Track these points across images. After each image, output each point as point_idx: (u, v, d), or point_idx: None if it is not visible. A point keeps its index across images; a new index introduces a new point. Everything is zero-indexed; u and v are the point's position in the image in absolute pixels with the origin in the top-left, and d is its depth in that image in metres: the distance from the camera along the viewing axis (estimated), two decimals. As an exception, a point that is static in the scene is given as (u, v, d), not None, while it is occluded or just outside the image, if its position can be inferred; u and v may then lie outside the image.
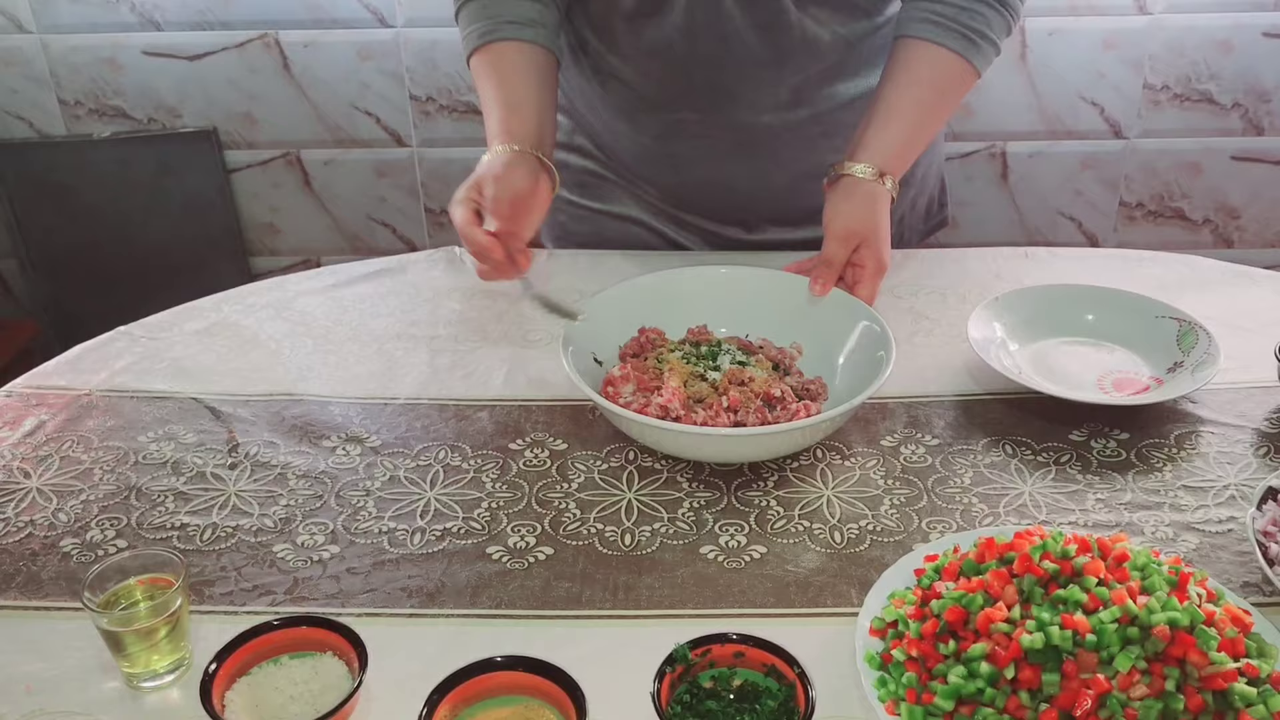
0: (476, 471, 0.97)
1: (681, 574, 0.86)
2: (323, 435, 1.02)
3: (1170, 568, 0.74)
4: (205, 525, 0.91)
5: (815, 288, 1.08)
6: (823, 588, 0.84)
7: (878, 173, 1.10)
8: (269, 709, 0.71)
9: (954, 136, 2.39)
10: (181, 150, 2.40)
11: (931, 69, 1.13)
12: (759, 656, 0.73)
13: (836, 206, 1.11)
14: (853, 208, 1.10)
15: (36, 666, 0.78)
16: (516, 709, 0.71)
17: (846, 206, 1.10)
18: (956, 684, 0.69)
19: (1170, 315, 1.12)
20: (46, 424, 1.04)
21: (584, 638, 0.80)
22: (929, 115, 1.15)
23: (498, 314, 1.22)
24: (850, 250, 1.09)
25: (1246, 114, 2.36)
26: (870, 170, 1.11)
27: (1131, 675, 0.66)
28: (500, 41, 1.13)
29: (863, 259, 1.09)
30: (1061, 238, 2.50)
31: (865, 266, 1.09)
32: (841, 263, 1.09)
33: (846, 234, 1.09)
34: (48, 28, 2.29)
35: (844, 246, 1.09)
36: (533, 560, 0.87)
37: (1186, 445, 1.00)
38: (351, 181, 2.47)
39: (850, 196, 1.10)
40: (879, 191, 1.10)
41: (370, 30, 2.29)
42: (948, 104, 1.17)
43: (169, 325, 1.21)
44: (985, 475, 0.96)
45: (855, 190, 1.10)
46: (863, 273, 1.09)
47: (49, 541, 0.90)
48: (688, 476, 0.96)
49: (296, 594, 0.84)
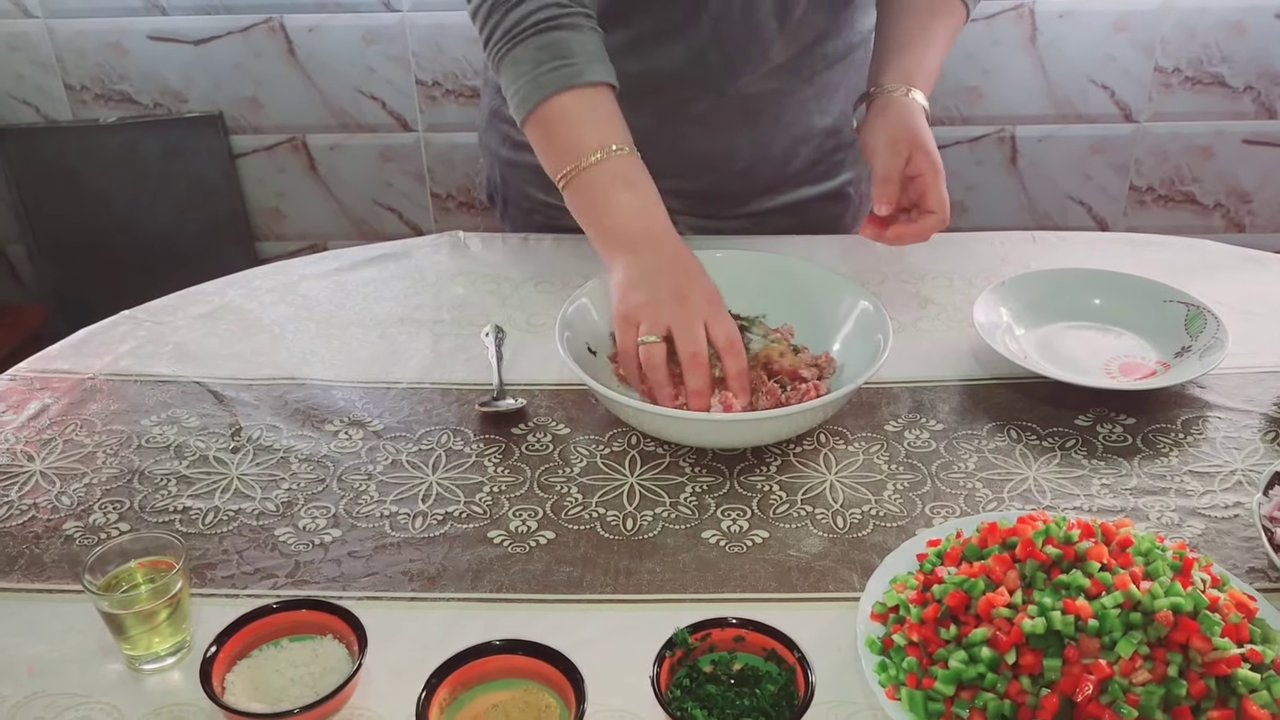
0: (479, 456, 0.97)
1: (683, 558, 0.85)
2: (325, 419, 1.02)
3: (1175, 553, 0.73)
4: (207, 509, 0.91)
5: (880, 208, 1.08)
6: (824, 573, 0.84)
7: (906, 88, 1.11)
8: (269, 691, 0.71)
9: (963, 120, 2.37)
10: (187, 135, 2.40)
11: (937, 4, 1.17)
12: (759, 641, 0.72)
13: (873, 123, 1.11)
14: (890, 119, 1.10)
15: (38, 649, 0.78)
16: (515, 693, 0.71)
17: (884, 120, 1.10)
18: (957, 669, 0.68)
19: (1178, 300, 1.11)
20: (50, 407, 1.04)
21: (584, 622, 0.80)
22: (937, 45, 1.17)
23: (501, 299, 1.22)
24: (903, 160, 1.08)
25: (1259, 97, 2.33)
26: (900, 86, 1.11)
27: (1134, 661, 0.66)
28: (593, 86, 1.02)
29: (918, 167, 1.08)
30: (1071, 222, 2.48)
31: (924, 174, 1.07)
32: (898, 174, 1.08)
33: (892, 144, 1.08)
34: (53, 12, 2.29)
35: (896, 156, 1.08)
36: (534, 544, 0.87)
37: (1193, 430, 0.99)
38: (357, 166, 2.46)
39: (886, 111, 1.11)
40: (911, 103, 1.11)
41: (376, 14, 2.28)
42: (949, 37, 1.19)
43: (173, 309, 1.20)
44: (990, 460, 0.96)
45: (889, 105, 1.11)
46: (924, 181, 1.07)
47: (52, 524, 0.90)
48: (690, 461, 0.96)
49: (298, 577, 0.84)
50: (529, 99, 1.02)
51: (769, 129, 1.25)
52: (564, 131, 1.02)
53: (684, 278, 0.96)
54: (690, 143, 1.24)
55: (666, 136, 1.02)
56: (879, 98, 1.13)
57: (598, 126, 1.01)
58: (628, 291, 0.96)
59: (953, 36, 1.19)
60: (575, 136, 1.01)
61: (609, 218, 1.00)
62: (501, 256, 1.30)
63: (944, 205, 1.07)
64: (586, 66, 1.02)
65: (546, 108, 1.02)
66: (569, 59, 1.01)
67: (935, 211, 1.07)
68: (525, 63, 1.02)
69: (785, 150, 1.28)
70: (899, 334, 1.08)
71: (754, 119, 1.23)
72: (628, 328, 0.96)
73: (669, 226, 1.00)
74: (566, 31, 1.02)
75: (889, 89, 1.12)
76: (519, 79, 1.03)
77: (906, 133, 1.08)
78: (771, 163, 1.28)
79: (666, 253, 0.98)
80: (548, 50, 1.02)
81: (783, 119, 1.24)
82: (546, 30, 1.02)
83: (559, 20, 1.02)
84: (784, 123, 1.25)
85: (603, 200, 1.00)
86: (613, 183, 1.00)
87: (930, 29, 1.16)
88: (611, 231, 1.00)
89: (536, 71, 1.01)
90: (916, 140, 1.08)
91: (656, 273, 0.96)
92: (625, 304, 0.96)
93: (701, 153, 1.25)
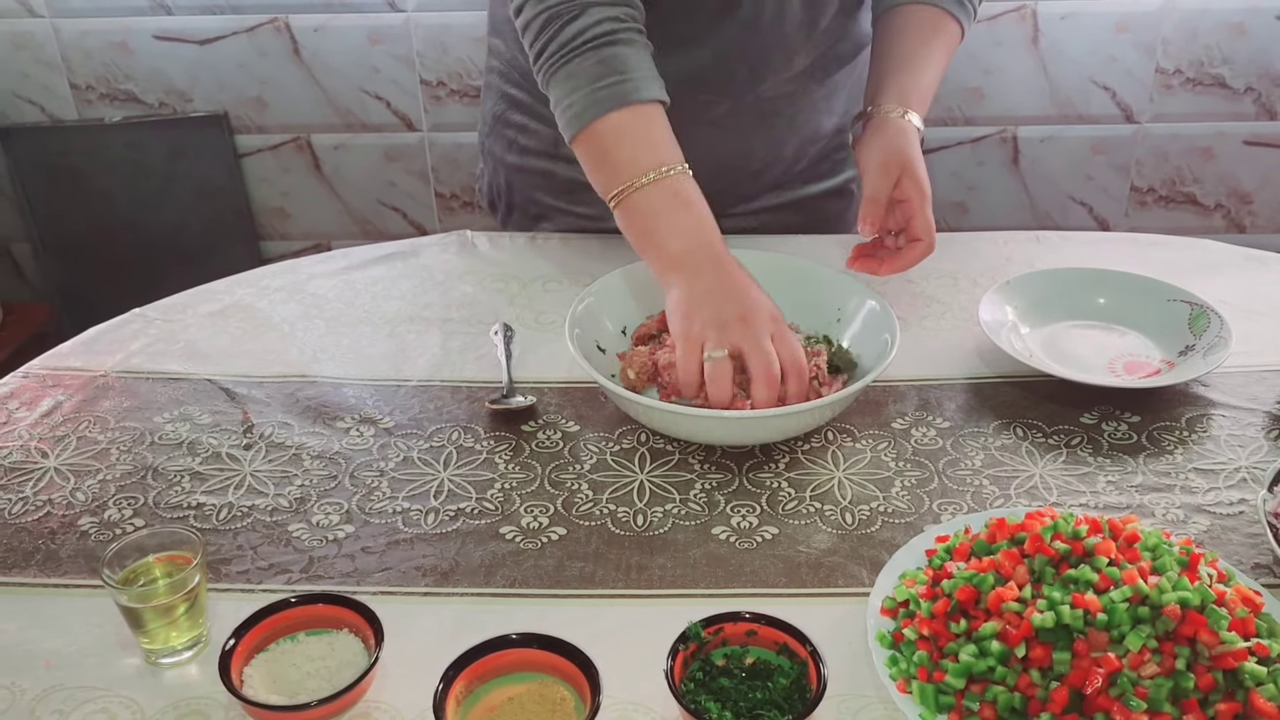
0: (489, 453, 0.98)
1: (694, 554, 0.86)
2: (336, 416, 1.03)
3: (1181, 549, 0.74)
4: (221, 505, 0.92)
5: (865, 229, 1.08)
6: (834, 568, 0.84)
7: (902, 110, 1.12)
8: (286, 684, 0.72)
9: (965, 120, 2.38)
10: (192, 134, 2.40)
11: (934, 25, 1.18)
12: (771, 635, 0.73)
13: (868, 143, 1.12)
14: (884, 141, 1.11)
15: (56, 643, 0.79)
16: (531, 686, 0.71)
17: (878, 142, 1.11)
18: (968, 662, 0.69)
19: (1182, 299, 1.12)
20: (63, 404, 1.05)
21: (597, 616, 0.81)
22: (934, 64, 1.18)
23: (509, 297, 1.22)
24: (892, 183, 1.08)
25: (1260, 98, 2.34)
26: (896, 108, 1.12)
27: (1142, 654, 0.67)
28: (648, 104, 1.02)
29: (906, 191, 1.08)
30: (1072, 223, 2.49)
31: (911, 199, 1.08)
32: (885, 196, 1.09)
33: (883, 166, 1.09)
34: (59, 12, 2.30)
35: (885, 178, 1.09)
36: (546, 540, 0.88)
37: (1197, 428, 1.00)
38: (362, 166, 2.47)
39: (881, 132, 1.12)
40: (906, 126, 1.11)
41: (380, 14, 2.29)
42: (945, 57, 1.19)
43: (183, 308, 1.21)
44: (996, 457, 0.97)
45: (885, 126, 1.12)
46: (911, 206, 1.08)
47: (67, 520, 0.91)
48: (699, 459, 0.97)
49: (312, 572, 0.85)
50: (583, 115, 1.01)
51: (783, 131, 1.26)
52: (617, 149, 1.01)
53: (747, 298, 0.96)
54: (706, 146, 1.23)
55: (684, 140, 1.02)
56: (875, 117, 1.13)
57: (651, 146, 1.01)
58: (691, 311, 0.96)
59: (948, 56, 1.20)
60: (629, 155, 1.00)
61: (666, 238, 0.99)
62: (509, 255, 1.30)
63: (930, 231, 1.08)
64: (642, 83, 1.01)
65: (601, 124, 1.01)
66: (625, 75, 1.00)
67: (921, 239, 1.08)
68: (581, 77, 1.01)
69: (796, 151, 1.29)
70: (905, 333, 1.09)
71: (770, 121, 1.24)
72: (691, 346, 0.95)
73: (724, 248, 1.00)
74: (623, 47, 1.02)
75: (886, 109, 1.12)
76: (574, 93, 1.02)
77: (898, 157, 1.09)
78: (783, 163, 1.30)
79: (727, 274, 0.98)
80: (604, 65, 1.01)
81: (796, 120, 1.25)
82: (604, 45, 1.01)
83: (616, 36, 1.01)
84: (797, 124, 1.26)
85: (658, 221, 1.00)
86: (669, 203, 1.00)
87: (927, 48, 1.17)
88: (669, 253, 0.99)
89: (593, 87, 1.00)
90: (907, 165, 1.08)
91: (720, 294, 0.96)
92: (690, 323, 0.95)
93: (717, 156, 1.25)
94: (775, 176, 1.31)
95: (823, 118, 1.27)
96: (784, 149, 1.28)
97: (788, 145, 1.28)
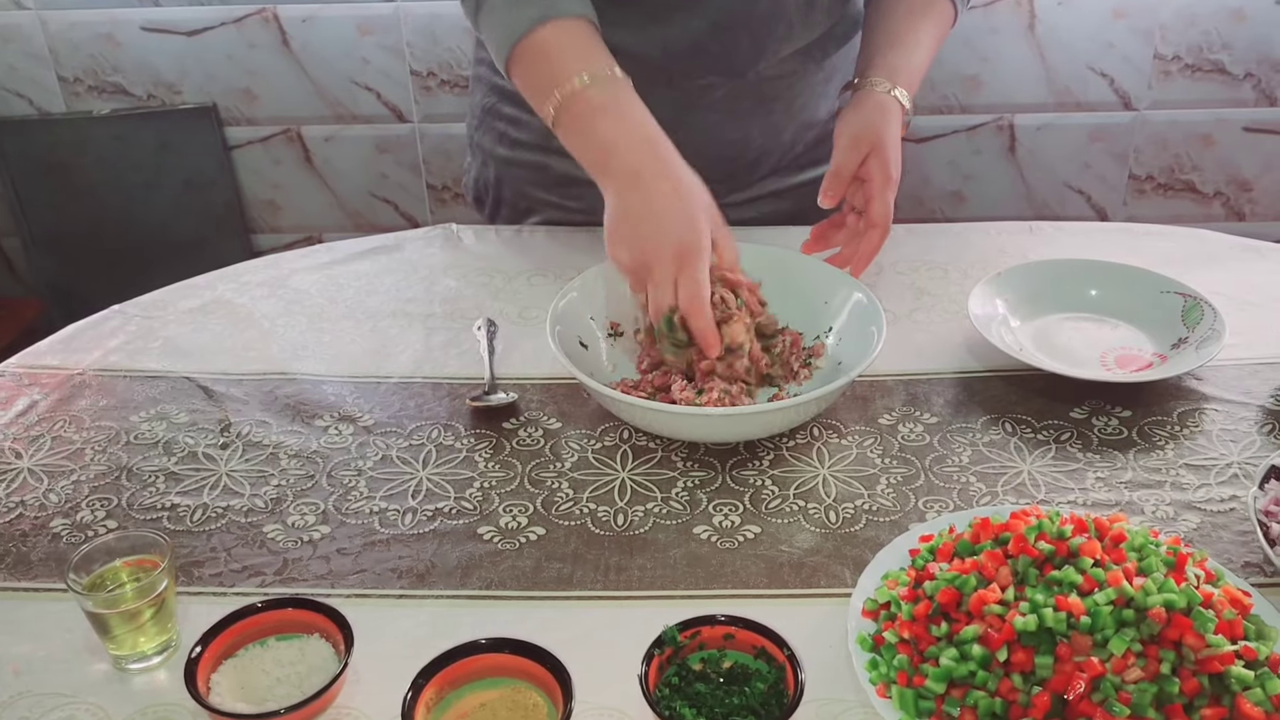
0: (469, 451, 0.97)
1: (674, 554, 0.85)
2: (315, 414, 1.01)
3: (1169, 548, 0.73)
4: (196, 505, 0.91)
5: (824, 200, 1.07)
6: (816, 568, 0.83)
7: (890, 85, 1.10)
8: (255, 691, 0.71)
9: (961, 109, 2.35)
10: (182, 127, 2.38)
11: (926, 3, 1.16)
12: (749, 638, 0.72)
13: (846, 116, 1.10)
14: (861, 116, 1.09)
15: (24, 648, 0.77)
16: (503, 691, 0.70)
17: (855, 115, 1.09)
18: (948, 666, 0.68)
19: (1175, 290, 1.10)
20: (39, 404, 1.04)
21: (574, 619, 0.79)
22: (925, 42, 1.16)
23: (493, 292, 1.21)
24: (858, 160, 1.07)
25: (1259, 84, 2.31)
26: (883, 82, 1.10)
27: (1126, 658, 0.65)
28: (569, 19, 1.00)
29: (870, 170, 1.06)
30: (1070, 211, 2.47)
31: (873, 179, 1.06)
32: (850, 172, 1.07)
33: (853, 140, 1.07)
34: (46, 4, 2.28)
35: (851, 154, 1.07)
36: (524, 540, 0.86)
37: (1189, 423, 0.98)
38: (353, 158, 2.45)
39: (860, 106, 1.10)
40: (889, 102, 1.09)
41: (370, 4, 2.26)
42: (937, 38, 1.18)
43: (163, 304, 1.20)
44: (984, 454, 0.95)
45: (866, 100, 1.10)
46: (872, 187, 1.06)
47: (39, 522, 0.89)
48: (682, 456, 0.95)
49: (286, 575, 0.84)
50: (505, 42, 1.00)
51: (781, 115, 1.24)
52: (544, 64, 0.99)
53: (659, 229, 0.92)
54: (707, 133, 1.22)
55: (684, 127, 1.00)
56: (861, 89, 1.12)
57: (579, 54, 0.99)
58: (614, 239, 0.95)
59: (941, 38, 1.18)
60: (557, 66, 0.98)
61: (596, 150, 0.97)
62: (494, 249, 1.29)
63: (886, 218, 1.05)
64: (560, 1, 0.99)
65: (523, 46, 0.99)
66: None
67: (877, 224, 1.05)
68: (499, 8, 1.00)
69: (793, 136, 1.28)
70: (893, 326, 1.08)
71: (769, 105, 1.22)
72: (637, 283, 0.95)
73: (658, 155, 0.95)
74: None
75: (873, 82, 1.11)
76: (495, 27, 1.01)
77: (871, 133, 1.07)
78: (780, 149, 1.28)
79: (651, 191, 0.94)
80: None
81: (794, 105, 1.24)
82: None
83: None
84: (795, 109, 1.24)
85: (589, 129, 0.97)
86: (597, 110, 0.97)
87: (919, 28, 1.15)
88: (598, 164, 0.97)
89: (510, 14, 0.99)
90: (877, 144, 1.06)
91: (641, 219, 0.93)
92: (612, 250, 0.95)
93: (718, 142, 1.24)
94: (772, 164, 1.30)
95: (820, 102, 1.26)
96: (781, 135, 1.26)
97: (785, 131, 1.26)
